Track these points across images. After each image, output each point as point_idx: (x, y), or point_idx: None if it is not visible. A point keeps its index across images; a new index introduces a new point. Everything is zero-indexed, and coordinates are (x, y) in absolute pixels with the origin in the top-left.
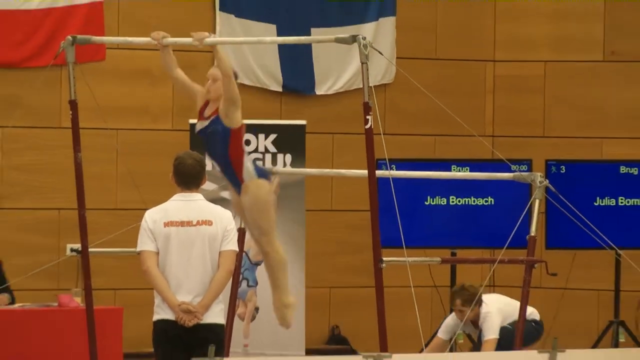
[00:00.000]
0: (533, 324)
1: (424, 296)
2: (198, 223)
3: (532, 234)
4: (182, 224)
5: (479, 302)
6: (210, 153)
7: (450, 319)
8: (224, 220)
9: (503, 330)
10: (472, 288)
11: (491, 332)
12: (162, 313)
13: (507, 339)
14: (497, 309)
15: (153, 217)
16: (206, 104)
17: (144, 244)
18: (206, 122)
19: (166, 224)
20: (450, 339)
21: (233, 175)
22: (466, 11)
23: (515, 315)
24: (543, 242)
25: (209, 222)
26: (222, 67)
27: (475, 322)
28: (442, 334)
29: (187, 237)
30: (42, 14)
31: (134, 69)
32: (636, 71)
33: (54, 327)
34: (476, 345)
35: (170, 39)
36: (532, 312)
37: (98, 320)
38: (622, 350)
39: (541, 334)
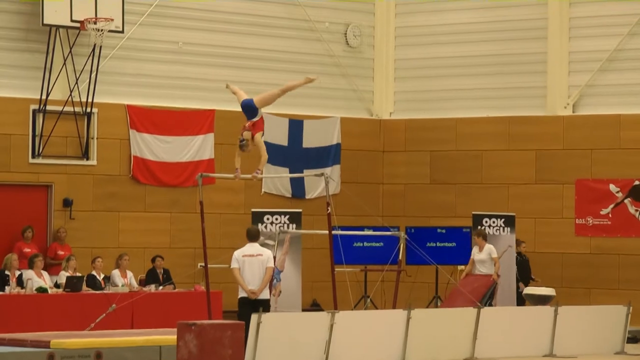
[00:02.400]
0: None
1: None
2: (257, 255)
3: (400, 257)
4: (251, 255)
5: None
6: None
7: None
8: (266, 254)
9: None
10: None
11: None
12: (242, 293)
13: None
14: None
15: (237, 253)
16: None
17: (234, 264)
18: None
19: (243, 256)
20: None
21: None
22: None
23: None
24: (404, 261)
25: (261, 255)
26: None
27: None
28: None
29: (252, 262)
30: None
31: None
32: None
33: (194, 298)
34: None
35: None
36: None
37: (212, 296)
38: None
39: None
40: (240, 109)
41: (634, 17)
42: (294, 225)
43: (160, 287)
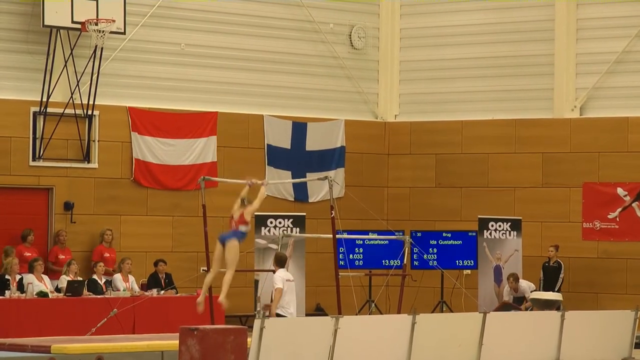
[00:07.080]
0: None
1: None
2: (292, 280)
3: (405, 262)
4: (289, 281)
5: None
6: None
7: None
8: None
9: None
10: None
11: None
12: (281, 312)
13: None
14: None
15: (282, 276)
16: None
17: (280, 284)
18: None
19: (287, 281)
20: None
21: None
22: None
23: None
24: (409, 265)
25: (294, 281)
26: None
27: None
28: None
29: (291, 286)
30: None
31: None
32: None
33: (196, 303)
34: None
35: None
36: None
37: (214, 301)
38: None
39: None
40: (241, 113)
41: None
42: (298, 229)
43: (162, 292)
